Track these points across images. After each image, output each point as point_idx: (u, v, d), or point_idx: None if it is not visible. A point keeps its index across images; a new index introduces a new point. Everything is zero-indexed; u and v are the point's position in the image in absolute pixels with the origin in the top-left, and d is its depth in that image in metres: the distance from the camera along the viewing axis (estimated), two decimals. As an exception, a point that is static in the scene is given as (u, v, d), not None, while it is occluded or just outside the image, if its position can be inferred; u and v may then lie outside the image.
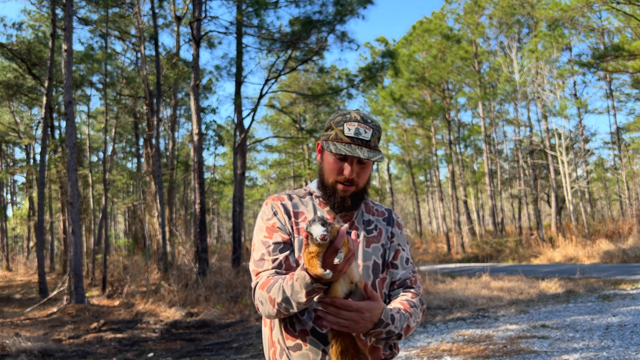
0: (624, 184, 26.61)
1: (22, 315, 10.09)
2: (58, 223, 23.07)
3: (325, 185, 1.60)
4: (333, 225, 1.29)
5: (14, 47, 15.65)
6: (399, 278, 1.65)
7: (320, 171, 1.63)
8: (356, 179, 1.56)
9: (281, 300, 1.42)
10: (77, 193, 10.57)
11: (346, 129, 1.54)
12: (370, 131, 1.55)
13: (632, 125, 28.57)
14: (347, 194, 1.58)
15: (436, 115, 24.63)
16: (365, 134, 1.54)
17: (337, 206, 1.59)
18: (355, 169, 1.55)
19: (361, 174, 1.57)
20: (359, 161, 1.55)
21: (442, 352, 5.57)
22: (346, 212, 1.61)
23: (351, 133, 1.53)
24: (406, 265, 1.67)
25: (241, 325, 8.20)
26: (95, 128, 27.29)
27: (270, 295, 1.45)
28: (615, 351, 5.07)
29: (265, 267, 1.55)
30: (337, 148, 1.52)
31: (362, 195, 1.62)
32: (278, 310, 1.45)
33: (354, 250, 1.32)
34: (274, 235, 1.57)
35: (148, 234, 15.11)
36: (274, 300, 1.44)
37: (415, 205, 36.37)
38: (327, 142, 1.57)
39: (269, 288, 1.46)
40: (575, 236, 18.77)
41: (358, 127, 1.54)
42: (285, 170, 33.70)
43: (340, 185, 1.57)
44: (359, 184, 1.58)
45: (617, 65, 19.03)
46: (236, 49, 14.57)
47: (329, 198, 1.60)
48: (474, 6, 25.38)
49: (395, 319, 1.48)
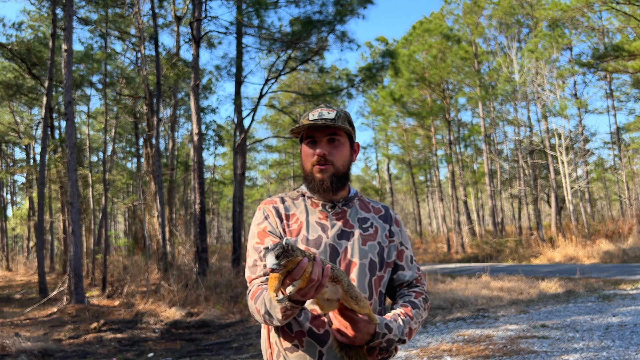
0: (624, 184, 26.61)
1: (22, 315, 10.09)
2: (58, 223, 23.07)
3: (305, 176, 1.64)
4: (294, 257, 1.27)
5: (13, 47, 15.65)
6: (407, 280, 1.67)
7: (301, 167, 1.67)
8: (329, 157, 1.60)
9: (264, 313, 1.45)
10: (77, 193, 10.57)
11: (310, 115, 1.61)
12: (334, 112, 1.60)
13: (632, 125, 28.58)
14: (324, 175, 1.60)
15: (436, 115, 24.63)
16: (329, 115, 1.59)
17: (318, 190, 1.61)
18: (325, 146, 1.60)
19: (334, 152, 1.60)
20: (329, 140, 1.60)
21: (442, 352, 5.57)
22: (325, 193, 1.62)
23: (315, 116, 1.60)
24: (411, 265, 1.69)
25: (241, 325, 8.20)
26: (95, 128, 27.29)
27: (256, 307, 1.48)
28: (615, 351, 5.07)
29: (258, 273, 1.56)
30: (300, 127, 1.60)
31: (344, 179, 1.64)
32: (264, 321, 1.49)
33: (319, 280, 1.30)
34: (265, 241, 1.58)
35: (148, 234, 15.11)
36: (259, 311, 1.47)
37: (415, 205, 36.37)
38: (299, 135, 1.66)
39: (256, 299, 1.49)
40: (575, 236, 18.77)
41: (321, 110, 1.61)
42: (285, 170, 33.69)
43: (316, 167, 1.60)
44: (334, 162, 1.60)
45: (617, 65, 19.03)
46: (236, 49, 14.58)
47: (310, 185, 1.63)
48: (474, 6, 25.37)
49: (392, 328, 1.49)
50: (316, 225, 1.60)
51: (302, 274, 1.27)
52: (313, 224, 1.60)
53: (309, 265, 1.29)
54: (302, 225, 1.59)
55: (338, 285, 1.39)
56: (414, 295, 1.64)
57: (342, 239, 1.58)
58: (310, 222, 1.60)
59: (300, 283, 1.29)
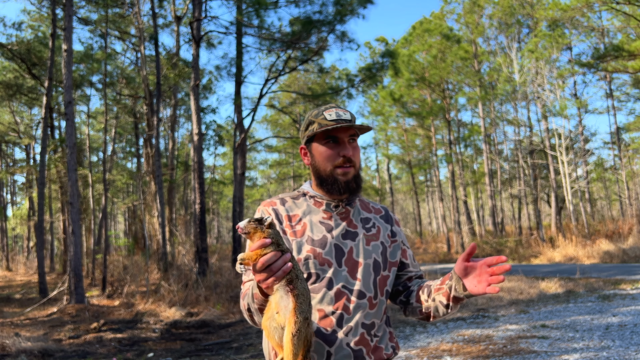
0: (624, 184, 26.62)
1: (22, 315, 10.09)
2: (58, 223, 23.08)
3: (324, 178, 1.59)
4: (260, 230, 1.27)
5: (13, 47, 15.65)
6: (414, 274, 1.70)
7: (315, 168, 1.62)
8: (353, 158, 1.58)
9: (247, 308, 1.47)
10: (77, 193, 10.57)
11: (327, 115, 1.58)
12: (349, 114, 1.60)
13: (632, 125, 28.58)
14: (349, 177, 1.58)
15: (436, 115, 24.63)
16: (345, 115, 1.58)
17: (342, 191, 1.58)
18: (349, 148, 1.58)
19: (354, 153, 1.59)
20: (349, 141, 1.59)
21: (442, 352, 5.56)
22: (351, 194, 1.60)
23: (333, 116, 1.57)
24: (414, 263, 1.72)
25: (241, 325, 8.20)
26: (95, 128, 27.30)
27: (243, 303, 1.50)
28: (615, 351, 5.07)
29: (249, 276, 1.57)
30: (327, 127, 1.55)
31: (361, 178, 1.64)
32: (250, 318, 1.50)
33: (265, 265, 1.24)
34: None
35: (148, 234, 15.11)
36: (245, 307, 1.49)
37: (415, 205, 36.38)
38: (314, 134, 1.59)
39: (244, 296, 1.50)
40: (575, 236, 18.77)
41: (337, 111, 1.59)
42: (285, 170, 33.69)
43: (339, 170, 1.58)
44: (355, 163, 1.60)
45: (617, 65, 19.03)
46: (236, 49, 14.57)
47: (329, 187, 1.59)
48: (474, 6, 25.38)
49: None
50: (320, 225, 1.58)
51: (258, 250, 1.25)
52: (317, 224, 1.58)
53: (269, 248, 1.26)
54: (306, 226, 1.58)
55: (290, 297, 1.28)
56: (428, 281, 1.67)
57: (346, 238, 1.57)
58: (314, 222, 1.58)
59: (250, 254, 1.26)
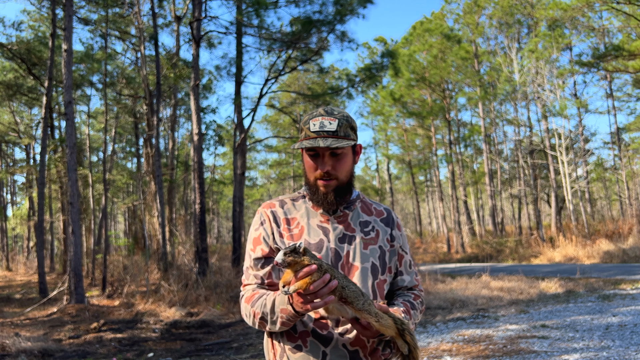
0: (624, 184, 26.61)
1: (22, 315, 10.09)
2: (58, 223, 23.07)
3: (310, 185, 1.62)
4: (300, 259, 1.33)
5: (13, 47, 15.64)
6: (405, 285, 1.69)
7: (303, 173, 1.66)
8: (333, 172, 1.57)
9: (261, 316, 1.50)
10: (77, 193, 10.57)
11: (311, 125, 1.57)
12: (336, 122, 1.56)
13: (632, 125, 28.56)
14: (328, 189, 1.58)
15: (436, 115, 24.63)
16: (330, 125, 1.55)
17: (322, 203, 1.60)
18: (328, 161, 1.56)
19: (337, 166, 1.58)
20: (332, 154, 1.57)
21: (442, 352, 5.56)
22: (329, 207, 1.61)
23: (316, 128, 1.56)
24: (410, 270, 1.70)
25: (241, 325, 8.20)
26: (95, 128, 27.28)
27: (253, 309, 1.53)
28: (615, 351, 5.07)
29: (250, 280, 1.61)
30: (302, 144, 1.55)
31: (348, 188, 1.63)
32: (256, 324, 1.54)
33: (315, 292, 1.32)
34: (257, 249, 1.61)
35: (148, 234, 15.11)
36: (255, 314, 1.52)
37: (415, 205, 36.38)
38: (301, 143, 1.59)
39: (254, 302, 1.53)
40: (575, 236, 18.76)
41: (322, 120, 1.57)
42: (285, 170, 33.68)
43: (320, 182, 1.58)
44: (338, 176, 1.58)
45: (617, 65, 19.03)
46: (236, 49, 14.57)
47: (314, 197, 1.61)
48: (474, 6, 25.37)
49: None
50: (317, 229, 1.59)
51: (306, 279, 1.31)
52: (314, 228, 1.59)
53: (316, 274, 1.32)
54: (303, 230, 1.59)
55: (348, 306, 1.40)
56: (412, 297, 1.67)
57: (343, 242, 1.58)
58: (311, 226, 1.59)
59: (300, 284, 1.31)
